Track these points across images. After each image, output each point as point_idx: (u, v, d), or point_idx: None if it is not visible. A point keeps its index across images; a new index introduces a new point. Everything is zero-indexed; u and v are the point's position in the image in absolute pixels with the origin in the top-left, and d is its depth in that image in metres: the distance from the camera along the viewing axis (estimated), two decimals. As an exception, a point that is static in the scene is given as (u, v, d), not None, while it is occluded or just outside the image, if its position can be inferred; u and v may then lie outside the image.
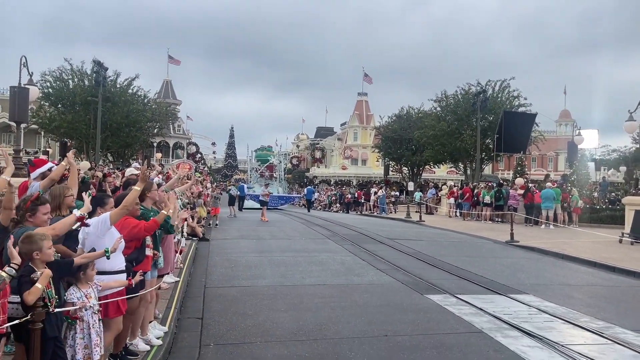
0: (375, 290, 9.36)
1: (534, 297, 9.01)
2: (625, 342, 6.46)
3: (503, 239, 17.32)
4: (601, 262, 13.06)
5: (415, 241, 16.59)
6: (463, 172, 39.60)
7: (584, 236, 18.47)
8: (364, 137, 76.37)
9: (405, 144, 45.67)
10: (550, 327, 7.16)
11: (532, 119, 32.78)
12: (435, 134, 36.75)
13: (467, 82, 37.22)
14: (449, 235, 19.24)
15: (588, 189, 29.52)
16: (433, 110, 40.17)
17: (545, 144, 41.88)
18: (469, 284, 10.05)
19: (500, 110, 32.67)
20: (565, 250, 14.94)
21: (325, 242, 15.94)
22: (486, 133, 34.09)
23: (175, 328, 6.75)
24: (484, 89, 34.00)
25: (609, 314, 8.06)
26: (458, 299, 8.67)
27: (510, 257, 14.28)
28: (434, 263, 12.36)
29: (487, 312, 7.81)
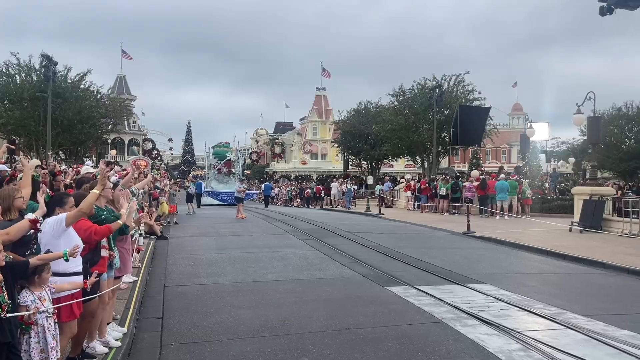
0: (337, 284, 9.42)
1: (491, 286, 9.27)
2: (577, 327, 6.73)
3: (460, 230, 17.73)
4: (553, 250, 13.57)
5: (376, 234, 16.78)
6: (420, 165, 40.30)
7: (537, 226, 19.14)
8: (323, 131, 76.60)
9: (364, 138, 46.07)
10: (507, 314, 7.39)
11: (486, 113, 33.63)
12: (393, 128, 37.23)
13: (424, 77, 37.87)
14: (408, 228, 19.56)
15: (540, 180, 30.57)
16: (391, 104, 40.67)
17: (499, 136, 43.06)
18: (429, 275, 10.25)
19: (456, 104, 33.37)
20: (519, 239, 15.44)
21: (287, 238, 15.92)
22: (442, 127, 34.77)
23: (134, 329, 6.61)
24: (440, 84, 34.64)
25: (561, 300, 8.39)
26: (418, 290, 8.82)
27: (467, 247, 14.65)
28: (394, 255, 12.54)
29: (446, 302, 7.99)
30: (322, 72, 73.96)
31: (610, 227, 17.60)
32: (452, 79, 36.71)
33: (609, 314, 7.48)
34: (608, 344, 6.03)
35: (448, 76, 36.66)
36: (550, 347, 5.89)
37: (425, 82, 37.29)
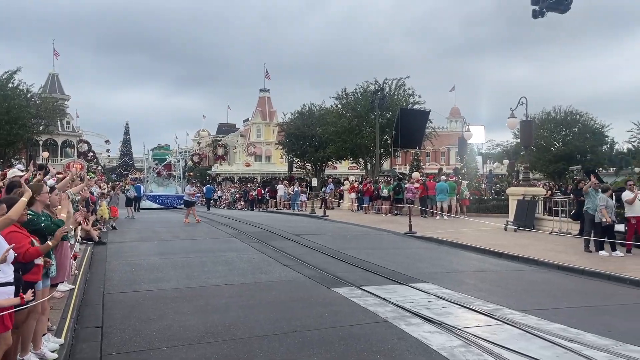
0: (283, 286, 9.41)
1: (433, 284, 9.55)
2: (513, 322, 7.05)
3: (402, 230, 18.14)
4: (490, 249, 14.14)
5: (321, 236, 16.89)
6: (364, 167, 40.89)
7: (474, 225, 19.89)
8: (267, 133, 76.26)
9: (308, 141, 46.24)
10: (448, 312, 7.63)
11: (426, 116, 34.58)
12: (337, 131, 37.61)
13: (366, 81, 38.46)
14: (352, 229, 19.81)
15: (476, 181, 31.75)
16: (335, 107, 41.05)
17: (438, 139, 44.36)
18: (373, 275, 10.42)
19: (397, 107, 34.12)
20: (458, 239, 15.99)
21: (231, 241, 15.74)
22: (384, 129, 35.44)
23: (72, 339, 6.32)
24: (382, 87, 35.31)
25: (498, 296, 8.76)
26: (363, 290, 8.96)
27: (409, 247, 15.01)
28: (339, 257, 12.66)
29: (390, 301, 8.15)
30: (265, 74, 73.64)
31: (542, 226, 18.54)
32: (393, 83, 37.51)
33: (541, 309, 7.87)
34: (541, 337, 6.35)
35: (390, 80, 37.45)
36: (489, 342, 6.14)
37: (367, 86, 37.91)
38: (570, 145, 44.04)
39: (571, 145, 43.92)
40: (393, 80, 37.59)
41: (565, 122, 45.68)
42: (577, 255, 13.04)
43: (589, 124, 45.43)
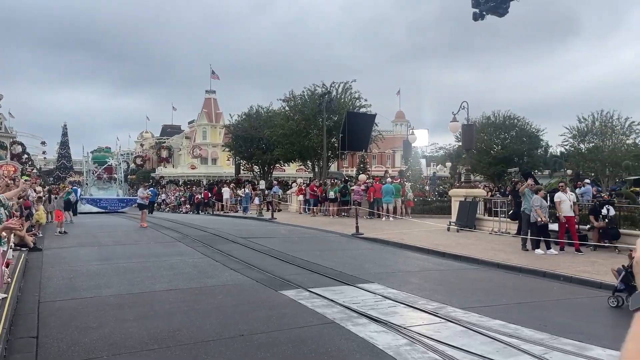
0: (230, 290, 9.29)
1: (379, 285, 9.69)
2: (456, 320, 7.26)
3: (349, 232, 18.33)
4: (433, 249, 14.52)
5: (268, 239, 16.80)
6: (311, 169, 41.04)
7: (419, 226, 20.36)
8: (213, 135, 75.06)
9: (255, 143, 45.96)
10: (394, 311, 7.77)
11: (372, 119, 35.15)
12: (285, 133, 37.60)
13: (313, 84, 38.68)
14: (300, 231, 19.83)
15: (421, 183, 32.54)
16: (282, 109, 41.02)
17: (384, 142, 45.17)
18: (321, 277, 10.47)
19: (344, 110, 34.48)
20: (404, 240, 16.32)
21: (176, 245, 15.38)
22: (332, 132, 35.73)
23: (4, 351, 5.98)
24: (329, 91, 35.61)
25: (442, 295, 9.00)
26: (311, 292, 8.97)
27: (356, 249, 15.18)
28: (286, 259, 12.64)
29: (338, 302, 8.21)
30: (211, 75, 72.56)
31: (483, 226, 19.23)
32: (340, 86, 37.91)
33: (482, 306, 8.16)
34: (482, 334, 6.57)
35: (337, 83, 37.82)
36: (433, 339, 6.30)
37: (315, 89, 38.13)
38: (508, 148, 45.83)
39: (509, 149, 45.72)
40: (340, 83, 38.01)
41: (504, 126, 47.52)
42: (515, 253, 13.59)
43: (525, 128, 47.45)
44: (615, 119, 40.20)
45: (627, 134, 40.27)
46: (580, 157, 40.88)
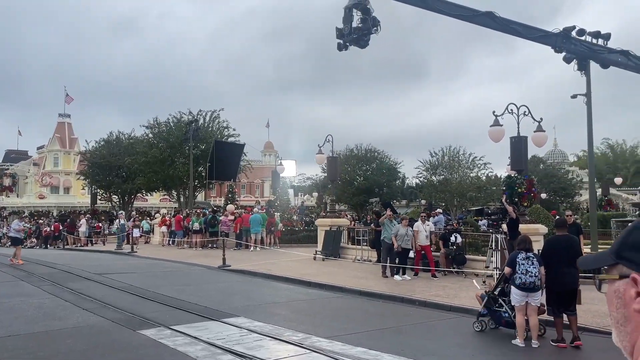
0: (82, 333, 8.47)
1: (245, 318, 9.52)
2: (320, 349, 7.36)
3: (216, 264, 17.88)
4: (300, 278, 14.70)
5: (127, 274, 15.75)
6: (177, 199, 39.58)
7: (286, 256, 20.53)
8: (66, 162, 69.21)
9: (115, 171, 43.20)
10: (260, 345, 7.66)
11: (240, 149, 35.08)
12: (148, 161, 35.93)
13: (179, 111, 37.70)
14: (163, 265, 18.90)
15: (288, 213, 33.01)
16: (145, 136, 39.25)
17: (253, 172, 45.20)
18: (184, 313, 10.01)
19: (212, 139, 34.01)
20: (271, 270, 16.31)
21: (18, 285, 13.73)
22: (199, 161, 34.95)
23: None
24: (196, 119, 34.96)
25: (307, 325, 9.09)
26: (173, 330, 8.52)
27: (223, 281, 14.82)
28: (147, 296, 11.91)
29: (201, 339, 7.89)
30: (65, 98, 67.38)
31: (347, 254, 19.96)
32: (208, 114, 37.40)
33: (346, 334, 8.38)
34: (346, 362, 6.74)
35: (204, 112, 37.27)
36: (298, 372, 6.30)
37: (181, 116, 37.17)
38: (370, 179, 48.52)
39: (371, 180, 48.41)
40: (207, 112, 37.51)
41: (366, 159, 50.33)
42: (377, 280, 14.28)
43: (385, 161, 50.72)
44: (461, 154, 44.66)
45: (471, 167, 44.90)
46: (433, 188, 44.54)
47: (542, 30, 11.30)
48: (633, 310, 1.01)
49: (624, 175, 57.52)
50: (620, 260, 1.06)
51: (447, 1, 11.03)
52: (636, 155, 66.48)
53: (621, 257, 1.06)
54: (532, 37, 11.28)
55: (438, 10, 11.01)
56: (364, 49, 10.90)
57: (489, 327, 8.80)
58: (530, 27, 11.41)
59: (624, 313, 1.04)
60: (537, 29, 11.38)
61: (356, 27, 10.22)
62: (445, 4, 11.01)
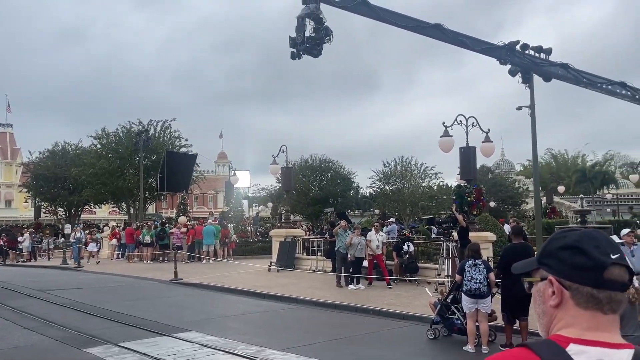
0: (22, 354, 8.04)
1: (197, 332, 9.29)
2: (275, 362, 7.27)
3: (167, 278, 17.43)
4: (254, 290, 14.51)
5: (73, 290, 15.14)
6: (126, 211, 38.46)
7: (240, 268, 20.24)
8: (8, 174, 66.10)
9: (60, 183, 41.57)
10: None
11: (193, 160, 34.51)
12: (96, 172, 34.77)
13: (129, 121, 36.76)
14: (111, 280, 18.26)
15: (242, 224, 32.63)
16: (93, 147, 38.02)
17: (206, 183, 44.58)
18: (134, 329, 9.68)
19: (163, 150, 33.31)
20: (224, 283, 16.04)
21: (-48, 304, 12.92)
22: (149, 172, 34.14)
23: None
24: (146, 129, 34.17)
25: (262, 338, 8.96)
26: (121, 347, 8.21)
27: (174, 295, 14.45)
28: (94, 312, 11.46)
29: (151, 356, 7.64)
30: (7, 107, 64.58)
31: (302, 265, 19.87)
32: (158, 124, 36.64)
33: (301, 345, 8.31)
34: (300, 374, 6.67)
35: (155, 121, 36.49)
36: (251, 386, 6.18)
37: (130, 126, 36.25)
38: (325, 189, 48.70)
39: (326, 190, 48.60)
40: (158, 122, 36.74)
41: (321, 169, 50.52)
42: (331, 290, 14.27)
43: (339, 171, 51.07)
44: (413, 164, 45.55)
45: (423, 177, 45.82)
46: (386, 197, 45.15)
47: (488, 42, 11.71)
48: (549, 306, 1.25)
49: (566, 183, 60.10)
50: (541, 265, 1.29)
51: (398, 13, 11.27)
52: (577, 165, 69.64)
53: (542, 262, 1.29)
54: (479, 49, 11.66)
55: (390, 22, 11.22)
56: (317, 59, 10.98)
57: (442, 334, 8.93)
58: (477, 39, 11.80)
59: (543, 308, 1.28)
60: (484, 41, 11.79)
61: (309, 36, 10.28)
62: (396, 16, 11.24)
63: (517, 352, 1.17)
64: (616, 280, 1.19)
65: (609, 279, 1.19)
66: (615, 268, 1.20)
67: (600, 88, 12.39)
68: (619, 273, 1.20)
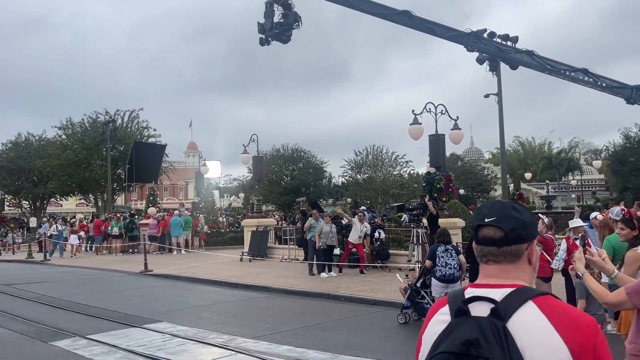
0: (-15, 349, 7.82)
1: (168, 323, 9.20)
2: (245, 350, 7.25)
3: (137, 269, 17.19)
4: (226, 280, 14.44)
5: (39, 283, 14.80)
6: (94, 203, 37.73)
7: (212, 258, 20.12)
8: (-31, 166, 63.92)
9: (24, 175, 40.45)
10: (183, 350, 7.43)
11: (161, 150, 34.00)
12: (61, 164, 33.95)
13: (95, 111, 35.93)
14: (80, 273, 17.91)
15: (214, 215, 32.37)
16: (58, 138, 37.07)
17: (176, 174, 44.03)
18: (102, 321, 9.52)
19: (131, 140, 32.71)
20: (195, 273, 15.91)
21: None
22: (117, 163, 33.52)
23: None
24: (113, 119, 33.47)
25: (233, 327, 8.93)
26: (89, 339, 8.07)
27: (144, 287, 14.27)
28: (61, 305, 11.23)
29: (121, 347, 7.53)
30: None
31: (274, 254, 19.86)
32: (126, 114, 35.94)
33: (272, 333, 8.32)
34: (271, 361, 6.68)
35: (122, 111, 35.77)
36: (223, 374, 6.17)
37: (97, 116, 35.47)
38: (297, 179, 48.71)
39: (298, 179, 48.62)
40: (126, 111, 36.04)
41: (292, 159, 50.47)
42: (303, 278, 14.31)
43: (311, 160, 51.11)
44: (384, 153, 45.87)
45: (394, 166, 46.22)
46: (358, 186, 45.40)
47: (456, 30, 11.82)
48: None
49: (533, 170, 61.51)
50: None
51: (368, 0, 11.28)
52: (544, 152, 71.30)
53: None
54: (447, 36, 11.77)
55: (359, 9, 11.22)
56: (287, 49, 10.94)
57: (413, 318, 9.06)
58: (445, 26, 11.91)
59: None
60: (451, 28, 11.90)
61: (278, 22, 10.21)
62: (366, 3, 11.26)
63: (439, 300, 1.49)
64: (484, 237, 1.47)
65: (482, 236, 1.48)
66: (484, 228, 1.48)
67: (563, 75, 12.67)
68: (488, 231, 1.47)
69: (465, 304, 1.39)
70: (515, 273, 1.46)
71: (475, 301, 1.39)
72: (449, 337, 1.34)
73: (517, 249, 1.46)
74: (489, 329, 1.30)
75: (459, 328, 1.34)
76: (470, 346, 1.28)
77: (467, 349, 1.28)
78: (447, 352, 1.31)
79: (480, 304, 1.38)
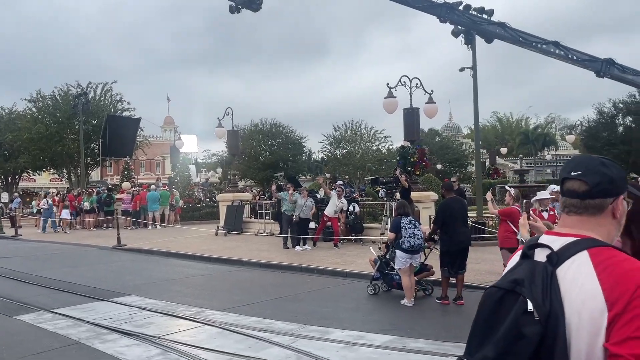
0: (-54, 324, 7.66)
1: (137, 297, 9.13)
2: (213, 322, 7.23)
3: (110, 244, 17.01)
4: (199, 254, 14.38)
5: (7, 258, 14.57)
6: (68, 178, 37.05)
7: (187, 233, 20.00)
8: (-63, 141, 62.06)
9: (-5, 150, 39.39)
10: (150, 322, 7.37)
11: (136, 124, 33.38)
12: (32, 138, 33.08)
13: (67, 83, 34.96)
14: (50, 247, 17.65)
15: (190, 190, 32.06)
16: (28, 111, 36.07)
17: (152, 148, 43.37)
18: (70, 295, 9.40)
19: (104, 114, 32.02)
20: (170, 248, 15.81)
21: None
22: (91, 137, 32.86)
23: None
24: (86, 92, 32.62)
25: (202, 300, 8.90)
26: (55, 313, 7.97)
27: (116, 261, 14.14)
28: (28, 280, 11.07)
29: (86, 321, 7.44)
30: None
31: (249, 228, 19.83)
32: (99, 87, 35.06)
33: (242, 305, 8.31)
34: (237, 332, 6.67)
35: (94, 84, 34.86)
36: (188, 345, 6.15)
37: (68, 89, 34.51)
38: (275, 154, 48.38)
39: (276, 155, 48.29)
40: (98, 84, 35.13)
41: (271, 134, 50.02)
42: (278, 252, 14.31)
43: (290, 135, 50.74)
44: (364, 128, 45.79)
45: (372, 141, 46.23)
46: (337, 161, 45.38)
47: (429, 0, 11.68)
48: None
49: (510, 145, 62.16)
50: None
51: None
52: (521, 127, 72.00)
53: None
54: (420, 7, 11.64)
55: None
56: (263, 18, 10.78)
57: (382, 290, 9.14)
58: (418, -4, 11.76)
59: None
60: (424, -1, 11.76)
61: (246, -12, 9.93)
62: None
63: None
64: (569, 190, 1.54)
65: (567, 189, 1.54)
66: (569, 181, 1.54)
67: (535, 47, 12.67)
68: (572, 184, 1.53)
69: (530, 249, 1.51)
70: (591, 226, 1.51)
71: (539, 247, 1.50)
72: (506, 275, 1.51)
73: (601, 202, 1.50)
74: (540, 272, 1.42)
75: (517, 268, 1.49)
76: (516, 284, 1.41)
77: (514, 287, 1.41)
78: (497, 286, 1.46)
79: (542, 250, 1.48)
